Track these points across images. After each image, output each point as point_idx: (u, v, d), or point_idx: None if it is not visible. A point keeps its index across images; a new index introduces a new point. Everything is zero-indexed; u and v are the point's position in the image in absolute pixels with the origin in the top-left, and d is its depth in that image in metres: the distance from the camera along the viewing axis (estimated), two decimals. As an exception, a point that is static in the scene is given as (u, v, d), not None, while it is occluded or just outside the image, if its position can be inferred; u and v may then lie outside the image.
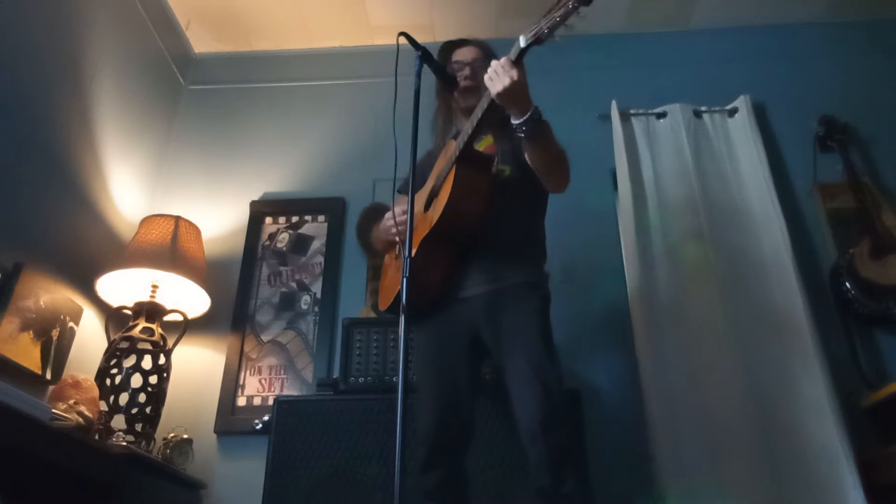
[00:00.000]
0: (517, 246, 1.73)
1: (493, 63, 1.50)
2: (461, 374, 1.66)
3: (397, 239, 1.79)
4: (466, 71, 1.85)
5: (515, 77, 1.46)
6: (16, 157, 2.12)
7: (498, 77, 1.48)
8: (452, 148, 1.71)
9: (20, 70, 2.17)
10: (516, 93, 1.48)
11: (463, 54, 1.90)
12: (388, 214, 1.83)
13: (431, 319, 1.72)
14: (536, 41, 1.42)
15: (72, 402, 1.89)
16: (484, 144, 1.84)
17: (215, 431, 2.45)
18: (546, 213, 1.86)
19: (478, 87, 1.81)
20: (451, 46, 1.93)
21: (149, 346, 2.27)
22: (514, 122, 1.53)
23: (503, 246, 1.70)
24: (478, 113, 1.61)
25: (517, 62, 1.48)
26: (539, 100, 1.55)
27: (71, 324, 2.23)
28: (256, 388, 2.54)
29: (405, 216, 1.66)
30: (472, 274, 1.69)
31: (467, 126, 1.64)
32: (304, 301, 2.72)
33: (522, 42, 1.45)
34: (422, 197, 1.85)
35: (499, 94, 1.48)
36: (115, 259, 2.40)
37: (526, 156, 1.65)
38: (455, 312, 1.70)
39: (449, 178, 1.65)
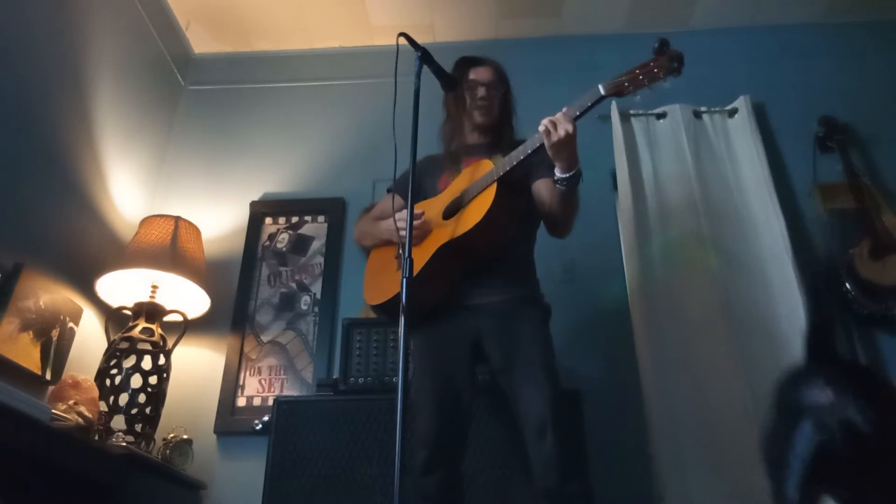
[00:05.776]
0: (520, 263, 1.81)
1: (555, 117, 1.57)
2: (462, 377, 1.69)
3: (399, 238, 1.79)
4: (482, 91, 1.91)
5: (571, 131, 1.54)
6: (16, 157, 2.12)
7: (555, 130, 1.55)
8: (489, 166, 1.74)
9: (20, 70, 2.17)
10: (568, 146, 1.57)
11: (480, 74, 1.94)
12: (399, 215, 1.78)
13: (432, 324, 1.74)
14: (616, 94, 1.56)
15: (72, 402, 1.89)
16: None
17: (215, 432, 2.45)
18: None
19: (491, 108, 1.91)
20: (468, 63, 1.97)
21: (149, 347, 2.27)
22: (559, 175, 1.61)
23: (509, 262, 1.76)
24: (526, 149, 1.67)
25: (577, 118, 1.58)
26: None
27: (71, 324, 2.23)
28: (256, 389, 2.54)
29: (416, 221, 1.69)
30: (478, 284, 1.74)
31: (517, 153, 1.69)
32: (304, 301, 2.72)
33: (602, 91, 1.58)
34: (433, 204, 1.86)
35: (553, 144, 1.56)
36: (115, 259, 2.40)
37: (550, 201, 1.72)
38: (458, 318, 1.73)
39: (487, 196, 1.68)
